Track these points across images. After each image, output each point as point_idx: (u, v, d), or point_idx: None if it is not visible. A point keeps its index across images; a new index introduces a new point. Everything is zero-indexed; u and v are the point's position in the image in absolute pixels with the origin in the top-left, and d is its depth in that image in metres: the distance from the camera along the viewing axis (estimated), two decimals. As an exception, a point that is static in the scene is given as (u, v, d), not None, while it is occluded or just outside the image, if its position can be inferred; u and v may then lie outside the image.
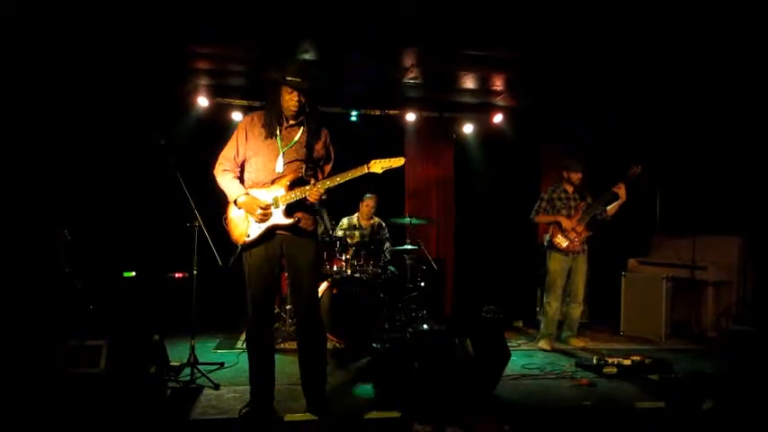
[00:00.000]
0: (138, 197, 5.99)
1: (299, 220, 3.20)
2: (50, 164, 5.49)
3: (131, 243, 5.75)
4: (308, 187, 3.15)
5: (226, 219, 3.32)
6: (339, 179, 3.15)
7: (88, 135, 5.79)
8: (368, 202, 5.94)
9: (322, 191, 3.14)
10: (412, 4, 4.17)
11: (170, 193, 4.14)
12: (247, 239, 3.21)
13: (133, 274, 5.36)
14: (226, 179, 3.28)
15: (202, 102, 6.26)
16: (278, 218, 3.17)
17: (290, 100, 3.15)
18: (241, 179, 3.32)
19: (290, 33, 4.77)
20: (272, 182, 3.20)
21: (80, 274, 4.67)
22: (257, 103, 6.41)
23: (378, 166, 3.18)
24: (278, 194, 3.17)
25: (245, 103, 6.48)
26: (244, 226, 3.22)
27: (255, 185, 3.24)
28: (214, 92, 6.33)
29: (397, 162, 3.23)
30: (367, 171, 3.18)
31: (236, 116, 6.45)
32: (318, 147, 3.30)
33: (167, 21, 4.51)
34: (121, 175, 5.95)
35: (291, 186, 3.17)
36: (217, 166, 3.32)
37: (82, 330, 3.53)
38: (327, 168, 3.39)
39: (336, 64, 5.52)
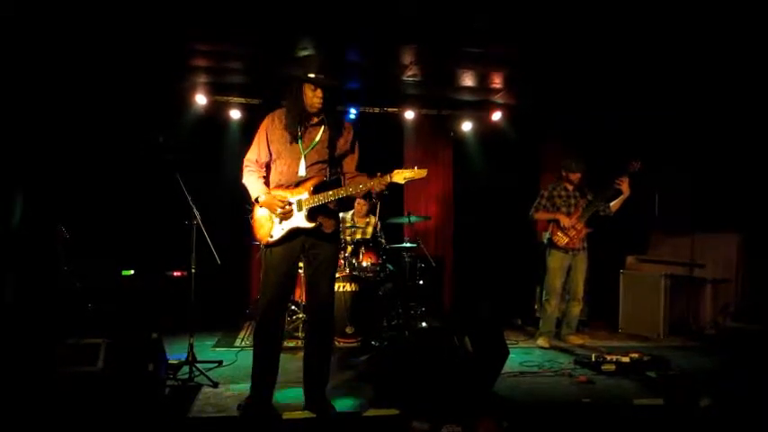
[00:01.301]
0: (137, 195, 5.99)
1: (320, 224, 3.21)
2: (49, 162, 5.48)
3: (130, 241, 5.75)
4: (331, 192, 3.15)
5: (252, 218, 3.35)
6: (362, 187, 3.15)
7: (86, 133, 5.78)
8: (359, 200, 5.92)
9: (381, 187, 3.14)
10: (412, 2, 4.17)
11: (168, 190, 4.13)
12: (270, 240, 3.23)
13: (132, 272, 5.36)
14: (250, 179, 3.32)
15: (200, 99, 6.25)
16: (300, 221, 3.18)
17: (313, 97, 3.14)
18: (268, 179, 3.35)
19: (288, 30, 4.76)
20: (296, 185, 3.22)
21: (78, 273, 4.67)
22: (256, 101, 6.42)
23: (400, 176, 3.13)
24: (301, 198, 3.18)
25: (243, 100, 6.47)
26: (268, 226, 3.24)
27: (280, 188, 3.26)
28: (212, 89, 6.32)
29: (420, 174, 3.15)
30: (390, 181, 3.14)
31: (235, 114, 6.45)
32: (341, 143, 3.29)
33: (166, 18, 4.50)
34: (120, 173, 5.94)
35: (315, 191, 3.17)
36: (243, 167, 3.36)
37: (80, 328, 3.53)
38: (353, 162, 3.37)
39: (335, 61, 5.52)
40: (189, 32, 4.84)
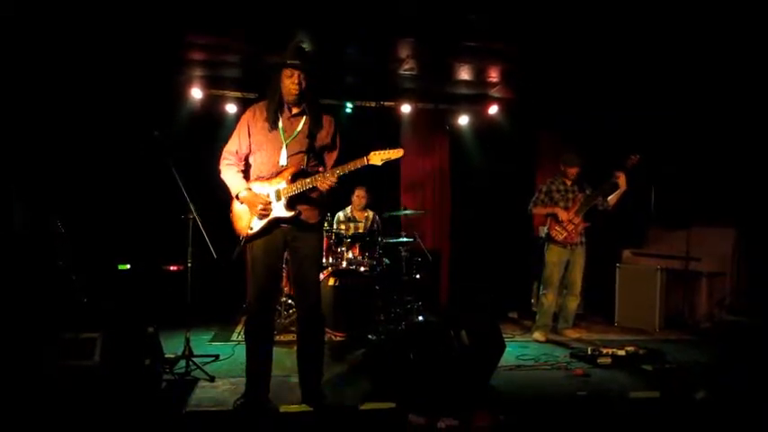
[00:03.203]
0: (133, 189, 5.96)
1: (299, 212, 3.20)
2: (44, 156, 5.45)
3: (126, 235, 5.73)
4: (308, 179, 3.14)
5: (231, 212, 3.34)
6: (339, 171, 3.14)
7: (82, 127, 5.75)
8: (358, 193, 5.93)
9: (331, 181, 3.12)
10: (412, 2, 4.16)
11: (164, 184, 4.12)
12: (250, 232, 3.22)
13: (128, 266, 5.35)
14: (229, 174, 3.30)
15: (196, 93, 6.22)
16: (279, 211, 3.18)
17: (290, 84, 3.14)
18: (247, 171, 3.33)
19: (285, 24, 4.73)
20: (276, 175, 3.21)
21: (74, 267, 4.66)
22: (251, 95, 6.38)
23: (377, 157, 3.16)
24: (280, 187, 3.18)
25: (239, 94, 6.44)
26: (247, 218, 3.24)
27: (259, 179, 3.25)
28: (208, 83, 6.29)
29: (397, 153, 3.20)
30: (367, 163, 3.15)
31: (231, 108, 6.42)
32: (322, 135, 3.28)
33: (162, 11, 4.47)
34: (115, 167, 5.91)
35: (293, 179, 3.17)
36: (221, 160, 3.33)
37: (76, 323, 3.51)
38: (333, 156, 3.37)
39: (332, 55, 5.49)
40: (186, 25, 4.81)
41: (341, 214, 6.00)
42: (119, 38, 5.00)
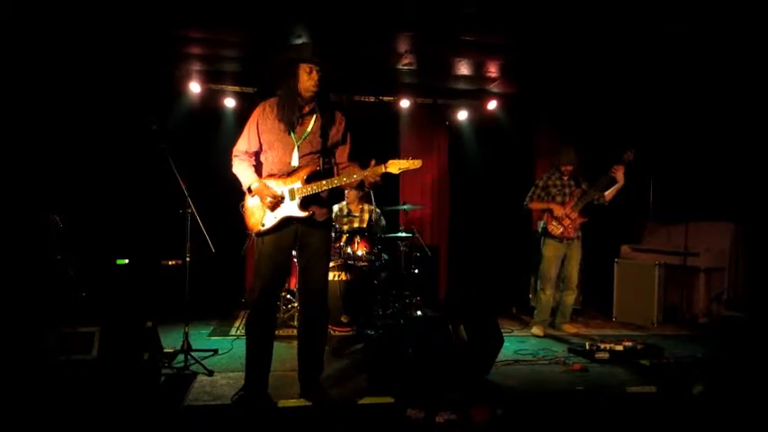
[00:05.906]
0: (131, 183, 5.96)
1: (313, 213, 3.21)
2: (42, 150, 5.44)
3: (124, 230, 5.73)
4: (324, 182, 3.14)
5: (243, 206, 3.33)
6: (356, 177, 3.14)
7: (81, 121, 5.74)
8: None
9: (369, 176, 3.12)
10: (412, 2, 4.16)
11: (162, 179, 4.12)
12: (262, 228, 3.21)
13: (126, 261, 5.35)
14: (240, 167, 3.30)
15: (194, 87, 6.20)
16: (293, 210, 3.18)
17: (309, 80, 3.13)
18: (258, 169, 3.33)
19: (283, 17, 4.72)
20: (289, 174, 3.20)
21: (73, 261, 4.66)
22: (250, 89, 6.37)
23: (395, 166, 3.15)
24: (294, 187, 3.17)
25: (237, 89, 6.42)
26: (259, 214, 3.23)
27: (272, 177, 3.24)
28: (206, 78, 6.27)
29: (415, 164, 3.19)
30: (384, 171, 3.15)
31: (229, 102, 6.41)
32: (333, 132, 3.28)
33: (161, 6, 4.45)
34: (114, 162, 5.91)
35: (308, 180, 3.17)
36: (232, 158, 3.34)
37: (75, 317, 3.52)
38: (345, 151, 3.36)
39: (330, 49, 5.46)
40: (184, 20, 4.79)
41: (335, 208, 5.96)
42: (117, 33, 4.98)
